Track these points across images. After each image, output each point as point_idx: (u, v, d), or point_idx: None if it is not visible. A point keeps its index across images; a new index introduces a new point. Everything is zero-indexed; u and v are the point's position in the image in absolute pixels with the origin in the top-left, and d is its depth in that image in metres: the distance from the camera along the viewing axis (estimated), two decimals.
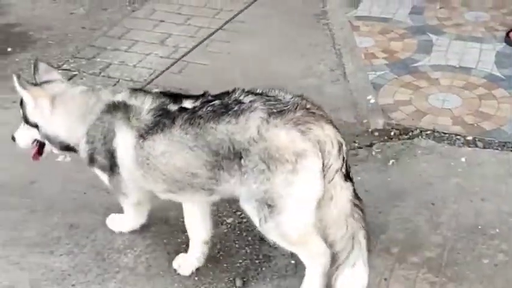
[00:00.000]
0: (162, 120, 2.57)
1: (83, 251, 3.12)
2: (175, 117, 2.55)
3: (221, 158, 2.46)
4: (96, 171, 2.92)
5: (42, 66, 3.01)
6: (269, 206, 2.43)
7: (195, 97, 2.63)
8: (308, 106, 2.49)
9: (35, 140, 3.02)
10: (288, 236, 2.50)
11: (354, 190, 2.56)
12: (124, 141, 2.66)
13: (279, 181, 2.38)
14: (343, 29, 5.21)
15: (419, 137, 3.89)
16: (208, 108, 2.50)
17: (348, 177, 2.51)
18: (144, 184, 2.74)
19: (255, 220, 2.53)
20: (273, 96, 2.49)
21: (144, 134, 2.59)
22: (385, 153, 3.74)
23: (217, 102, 2.52)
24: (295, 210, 2.43)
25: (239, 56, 4.83)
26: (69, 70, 4.75)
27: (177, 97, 2.68)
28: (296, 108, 2.43)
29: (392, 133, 3.94)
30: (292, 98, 2.50)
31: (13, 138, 3.09)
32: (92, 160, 2.84)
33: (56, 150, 3.01)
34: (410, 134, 3.93)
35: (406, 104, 4.21)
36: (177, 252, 3.09)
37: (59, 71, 3.17)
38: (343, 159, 2.45)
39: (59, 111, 2.87)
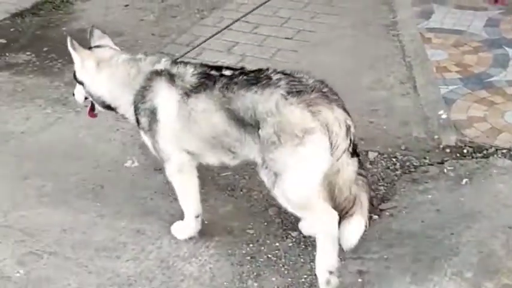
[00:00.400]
0: (206, 81, 2.89)
1: (149, 258, 3.13)
2: (216, 81, 2.86)
3: (246, 124, 2.76)
4: (142, 134, 3.13)
5: (96, 32, 3.34)
6: (275, 174, 2.72)
7: (234, 69, 2.96)
8: (324, 90, 2.76)
9: (87, 98, 3.30)
10: (292, 201, 2.78)
11: (360, 162, 2.86)
12: (168, 97, 2.93)
13: (285, 153, 2.66)
14: (413, 40, 5.08)
15: (495, 155, 3.73)
16: (243, 77, 2.83)
17: (354, 153, 2.80)
18: (180, 141, 2.97)
19: (268, 185, 2.82)
20: (298, 78, 2.78)
21: (189, 92, 2.90)
22: (457, 172, 3.60)
23: (251, 74, 2.84)
24: (297, 179, 2.70)
25: (307, 66, 4.76)
26: None
27: (217, 67, 3.02)
28: (312, 90, 2.71)
29: (465, 151, 3.79)
30: (313, 81, 2.78)
31: (73, 94, 3.40)
32: (138, 121, 3.09)
33: (99, 107, 3.29)
34: (484, 152, 3.77)
35: (480, 121, 4.05)
36: (241, 264, 3.07)
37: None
38: (351, 140, 2.74)
39: (103, 74, 3.14)
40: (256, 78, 2.80)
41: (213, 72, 2.94)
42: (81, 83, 3.23)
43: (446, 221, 3.19)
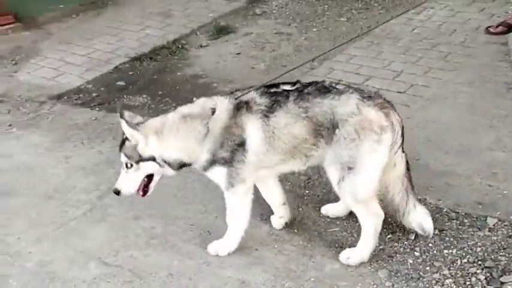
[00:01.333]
0: (277, 98, 3.18)
1: None
2: (287, 95, 3.17)
3: (322, 128, 3.12)
4: (213, 170, 3.27)
5: (126, 112, 3.32)
6: (349, 168, 3.10)
7: (290, 83, 3.26)
8: (383, 97, 3.23)
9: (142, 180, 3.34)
10: (358, 193, 3.15)
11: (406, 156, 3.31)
12: (252, 127, 3.17)
13: (364, 147, 3.06)
14: None
15: None
16: (313, 88, 3.18)
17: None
18: (265, 159, 3.23)
19: (334, 180, 3.19)
20: (356, 87, 3.28)
21: (267, 114, 3.17)
22: None
23: (317, 85, 3.20)
24: (369, 172, 3.10)
25: (420, 122, 4.63)
26: None
27: (272, 85, 3.31)
28: (378, 97, 3.19)
29: None
30: (368, 91, 3.29)
31: (117, 192, 3.36)
32: (212, 163, 3.25)
33: (171, 172, 3.35)
34: None
35: None
36: None
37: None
38: (403, 138, 3.20)
39: (171, 140, 3.24)
40: (325, 88, 3.18)
41: (274, 89, 3.24)
42: (151, 158, 3.25)
43: None
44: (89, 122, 5.09)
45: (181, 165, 3.32)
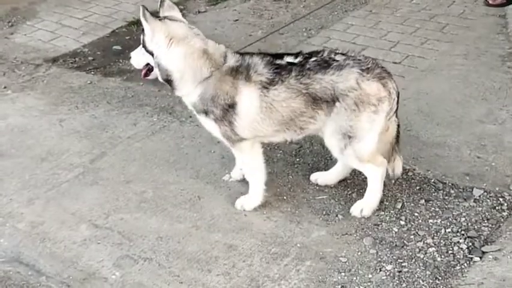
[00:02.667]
0: (281, 72, 3.25)
1: (239, 275, 3.14)
2: (289, 70, 3.26)
3: (322, 101, 3.25)
4: (205, 119, 3.40)
5: (167, 2, 3.41)
6: (350, 137, 3.27)
7: (293, 54, 3.37)
8: (381, 65, 3.35)
9: (147, 64, 3.44)
10: (363, 156, 3.36)
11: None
12: (248, 94, 3.25)
13: (364, 118, 3.24)
14: None
15: None
16: (314, 63, 3.26)
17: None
18: (259, 127, 3.33)
19: (336, 149, 3.37)
20: (355, 56, 3.32)
21: (267, 85, 3.26)
22: None
23: (318, 58, 3.29)
24: (369, 138, 3.30)
25: (414, 93, 4.64)
26: None
27: (277, 55, 3.40)
28: (375, 66, 3.29)
29: None
30: (366, 58, 3.34)
31: (129, 58, 3.57)
32: (204, 112, 3.36)
33: (159, 77, 3.42)
34: None
35: None
36: None
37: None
38: (398, 103, 3.38)
39: (175, 53, 3.30)
40: (325, 61, 3.26)
41: (279, 62, 3.30)
42: (151, 53, 3.35)
43: None
44: (84, 86, 5.10)
45: (168, 81, 3.39)
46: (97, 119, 4.59)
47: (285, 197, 3.67)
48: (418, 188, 3.67)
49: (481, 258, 3.15)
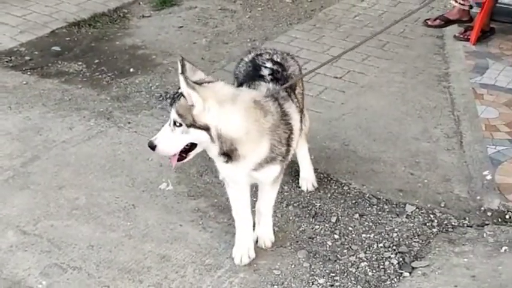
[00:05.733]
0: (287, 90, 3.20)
1: (171, 286, 3.09)
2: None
3: None
4: (273, 167, 3.02)
5: (188, 65, 2.84)
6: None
7: (270, 67, 3.37)
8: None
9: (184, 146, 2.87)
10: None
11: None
12: (295, 114, 3.16)
13: None
14: (464, 95, 4.95)
15: None
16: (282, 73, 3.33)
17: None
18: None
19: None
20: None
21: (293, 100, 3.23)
22: (497, 238, 3.45)
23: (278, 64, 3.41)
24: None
25: (353, 108, 4.72)
26: None
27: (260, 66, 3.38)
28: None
29: (507, 216, 3.63)
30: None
31: (152, 147, 2.86)
32: (274, 158, 2.99)
33: (215, 152, 2.87)
34: None
35: None
36: None
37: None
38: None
39: (238, 114, 2.82)
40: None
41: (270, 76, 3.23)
42: (205, 128, 2.78)
43: None
44: (19, 86, 4.93)
45: (229, 151, 2.84)
46: (31, 121, 4.44)
47: (221, 207, 3.65)
48: (353, 202, 3.72)
49: (410, 273, 3.21)
